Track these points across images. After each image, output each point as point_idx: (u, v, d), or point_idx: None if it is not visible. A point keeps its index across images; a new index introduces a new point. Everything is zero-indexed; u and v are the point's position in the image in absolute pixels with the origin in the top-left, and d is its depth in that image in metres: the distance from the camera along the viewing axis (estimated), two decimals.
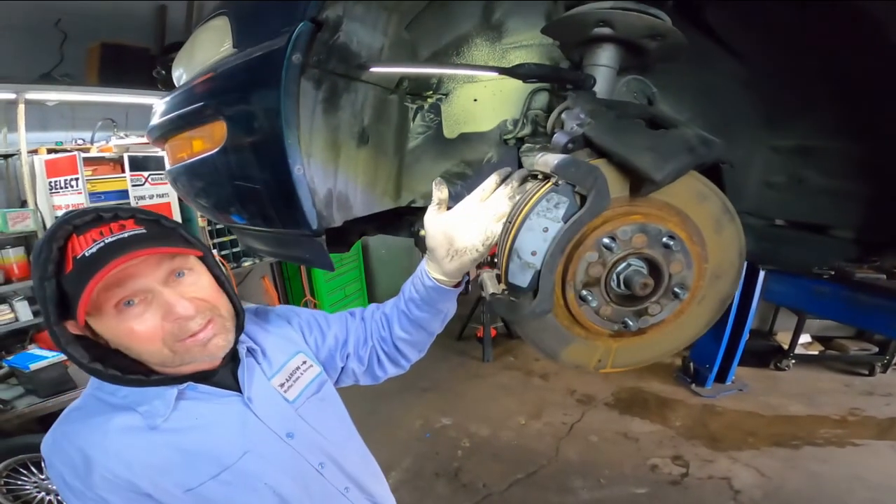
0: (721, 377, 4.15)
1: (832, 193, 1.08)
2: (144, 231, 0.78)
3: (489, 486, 3.18)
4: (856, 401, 3.94)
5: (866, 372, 4.31)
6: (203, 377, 0.87)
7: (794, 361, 4.40)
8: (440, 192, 0.92)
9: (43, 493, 2.79)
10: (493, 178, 0.91)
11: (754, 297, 3.82)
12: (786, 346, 4.43)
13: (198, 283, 0.84)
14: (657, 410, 3.95)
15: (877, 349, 4.29)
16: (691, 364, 4.24)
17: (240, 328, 0.92)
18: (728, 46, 1.05)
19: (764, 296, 2.51)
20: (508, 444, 3.61)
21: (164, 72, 3.41)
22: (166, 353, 0.79)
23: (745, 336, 4.01)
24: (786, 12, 0.91)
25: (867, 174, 1.02)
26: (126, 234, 0.75)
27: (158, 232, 0.81)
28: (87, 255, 0.72)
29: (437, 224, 0.90)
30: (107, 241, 0.74)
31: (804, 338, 4.43)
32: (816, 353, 4.46)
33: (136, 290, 0.76)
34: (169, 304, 0.77)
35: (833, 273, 1.12)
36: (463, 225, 0.88)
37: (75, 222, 0.76)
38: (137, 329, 0.76)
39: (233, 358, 0.93)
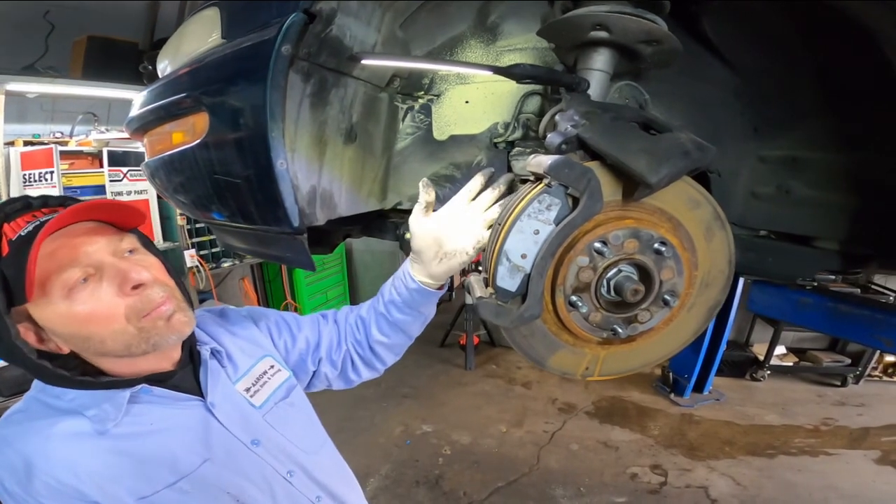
0: (699, 387, 4.20)
1: (817, 205, 1.09)
2: None
3: (470, 494, 3.15)
4: (829, 411, 4.03)
5: (839, 383, 4.41)
6: (159, 379, 0.82)
7: (769, 372, 4.48)
8: (427, 195, 0.92)
9: None
10: (478, 179, 0.92)
11: (732, 309, 3.88)
12: (761, 358, 4.51)
13: (147, 261, 0.80)
14: (637, 419, 3.97)
15: (849, 361, 4.40)
16: (670, 374, 4.28)
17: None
18: (722, 55, 1.05)
19: (747, 306, 2.56)
20: (489, 451, 3.59)
21: (150, 67, 3.33)
22: (132, 331, 0.74)
23: (723, 347, 4.07)
24: (781, 23, 0.92)
25: (852, 186, 1.04)
26: (61, 213, 0.72)
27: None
28: (22, 234, 0.69)
29: (425, 226, 0.90)
30: (41, 220, 0.70)
31: (779, 349, 4.53)
32: (791, 364, 4.56)
33: (85, 264, 0.71)
34: (122, 271, 0.73)
35: (815, 284, 1.13)
36: (452, 227, 0.89)
37: (6, 210, 0.72)
38: (95, 308, 0.71)
39: (193, 359, 0.89)
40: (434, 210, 0.93)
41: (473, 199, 0.91)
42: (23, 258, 0.66)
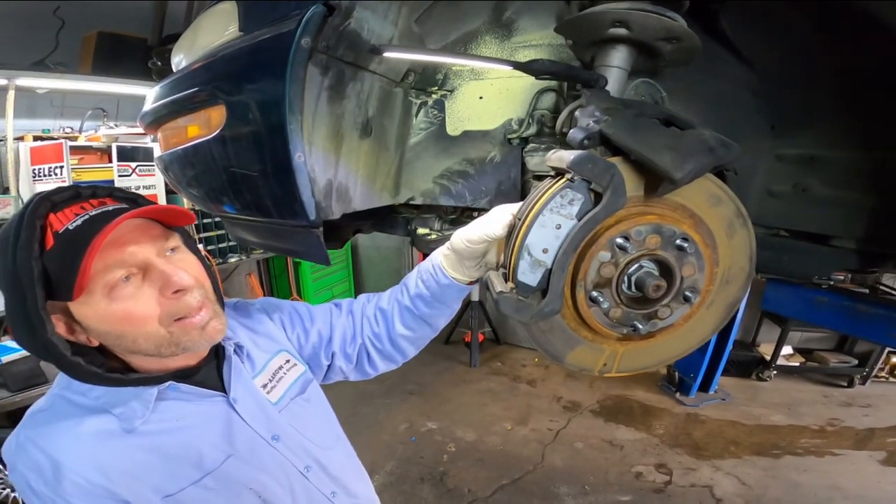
0: (704, 386, 4.18)
1: (835, 203, 1.09)
2: (126, 206, 0.73)
3: (474, 491, 3.15)
4: (835, 412, 4.01)
5: (845, 384, 4.38)
6: (184, 375, 0.82)
7: (775, 372, 4.46)
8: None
9: (8, 490, 2.62)
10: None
11: (740, 308, 3.86)
12: (768, 358, 4.49)
13: (187, 260, 0.79)
14: (642, 418, 3.96)
15: (856, 361, 4.37)
16: (676, 373, 4.27)
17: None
18: (739, 53, 1.05)
19: (761, 304, 2.56)
20: (494, 449, 3.59)
21: (159, 62, 3.33)
22: (163, 334, 0.73)
23: (730, 347, 4.05)
24: (800, 20, 0.91)
25: (870, 185, 1.03)
26: (110, 208, 0.71)
27: (140, 207, 0.76)
28: (70, 228, 0.67)
29: (479, 243, 0.89)
30: (91, 213, 0.69)
31: (786, 349, 4.50)
32: (797, 364, 4.53)
33: (131, 263, 0.70)
34: (166, 273, 0.72)
35: (831, 283, 1.13)
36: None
37: (53, 199, 0.70)
38: (133, 308, 0.70)
39: (216, 354, 0.89)
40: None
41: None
42: (72, 257, 0.65)
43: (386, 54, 0.92)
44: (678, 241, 0.74)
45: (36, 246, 0.66)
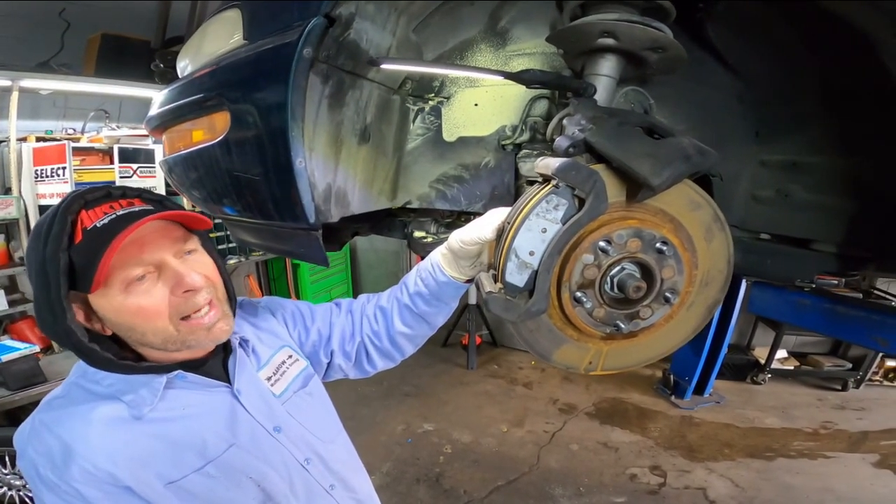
0: (699, 390, 4.21)
1: (816, 208, 1.12)
2: (152, 208, 0.78)
3: (470, 492, 3.17)
4: (828, 415, 4.04)
5: (839, 387, 4.42)
6: (193, 366, 0.85)
7: (769, 376, 4.49)
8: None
9: (4, 489, 2.64)
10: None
11: (734, 312, 3.90)
12: (763, 361, 4.53)
13: (203, 261, 0.84)
14: (637, 421, 3.99)
15: (850, 365, 4.41)
16: (671, 376, 4.30)
17: (233, 314, 0.91)
18: (725, 61, 1.09)
19: (748, 307, 2.60)
20: (490, 451, 3.61)
21: (161, 65, 3.36)
22: (171, 330, 0.77)
23: (724, 350, 4.09)
24: (784, 29, 0.95)
25: (850, 190, 1.07)
26: (136, 209, 0.76)
27: (165, 209, 0.80)
28: (98, 225, 0.72)
29: (473, 245, 0.93)
30: (118, 213, 0.74)
31: (780, 353, 4.54)
32: (792, 368, 4.57)
33: (148, 262, 0.75)
34: (179, 274, 0.77)
35: (814, 286, 1.16)
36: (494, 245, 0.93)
37: (87, 197, 0.76)
38: (146, 304, 0.75)
39: (223, 348, 0.92)
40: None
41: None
42: (96, 252, 0.69)
43: (384, 66, 0.96)
44: (658, 245, 0.78)
45: (65, 239, 0.71)
